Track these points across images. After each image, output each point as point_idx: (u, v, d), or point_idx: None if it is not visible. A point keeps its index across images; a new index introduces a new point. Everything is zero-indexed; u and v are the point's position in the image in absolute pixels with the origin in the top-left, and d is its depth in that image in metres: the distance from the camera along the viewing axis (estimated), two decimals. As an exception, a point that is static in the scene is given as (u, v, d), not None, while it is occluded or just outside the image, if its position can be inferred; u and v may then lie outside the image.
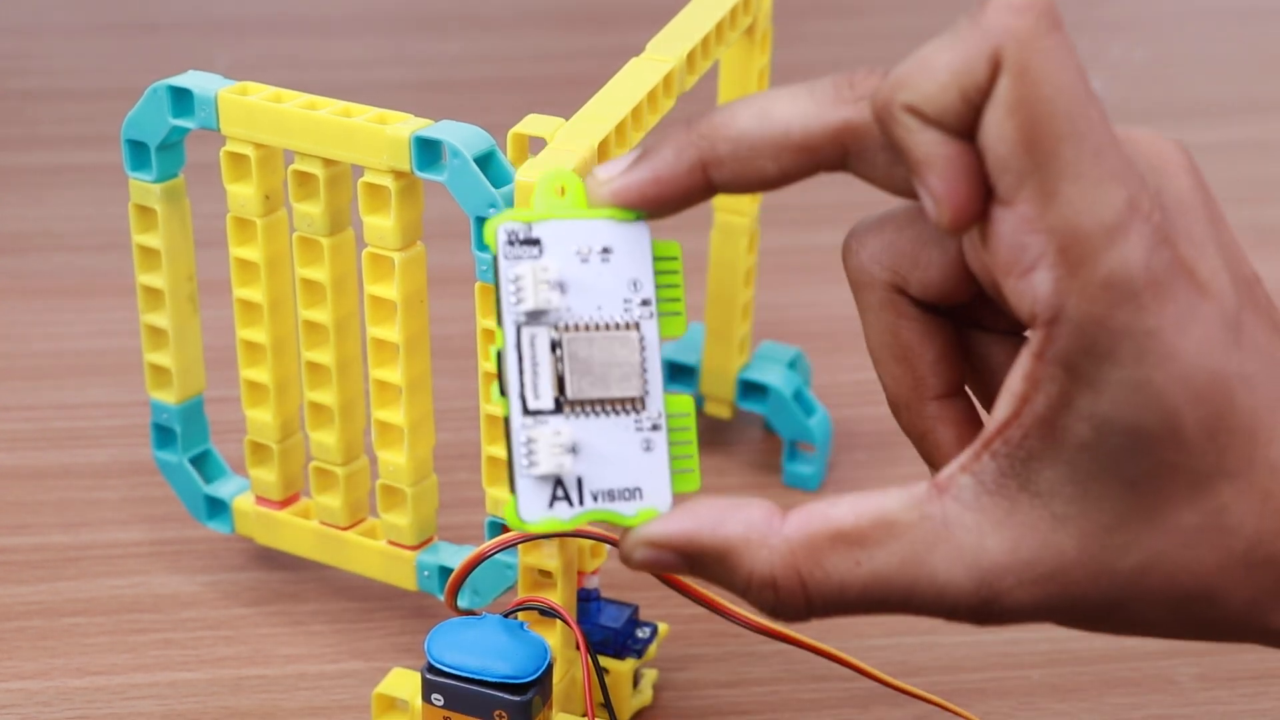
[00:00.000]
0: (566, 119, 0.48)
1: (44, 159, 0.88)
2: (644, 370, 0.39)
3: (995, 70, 0.34)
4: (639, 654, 0.54)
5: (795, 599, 0.37)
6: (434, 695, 0.48)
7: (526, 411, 0.38)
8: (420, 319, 0.52)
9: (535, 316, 0.38)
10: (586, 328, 0.39)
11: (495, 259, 0.38)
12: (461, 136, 0.48)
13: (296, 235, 0.52)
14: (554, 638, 0.51)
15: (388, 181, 0.49)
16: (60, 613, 0.58)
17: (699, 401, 0.67)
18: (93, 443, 0.67)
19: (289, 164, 0.51)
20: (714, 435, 0.68)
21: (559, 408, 0.38)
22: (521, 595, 0.51)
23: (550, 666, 0.48)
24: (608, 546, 0.51)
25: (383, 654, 0.57)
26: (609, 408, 0.39)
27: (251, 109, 0.51)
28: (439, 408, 0.55)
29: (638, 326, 0.39)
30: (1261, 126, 0.95)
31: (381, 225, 0.50)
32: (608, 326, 0.39)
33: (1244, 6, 1.11)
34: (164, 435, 0.58)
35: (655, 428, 0.39)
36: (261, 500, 0.57)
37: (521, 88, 0.97)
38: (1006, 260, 0.35)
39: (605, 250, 0.39)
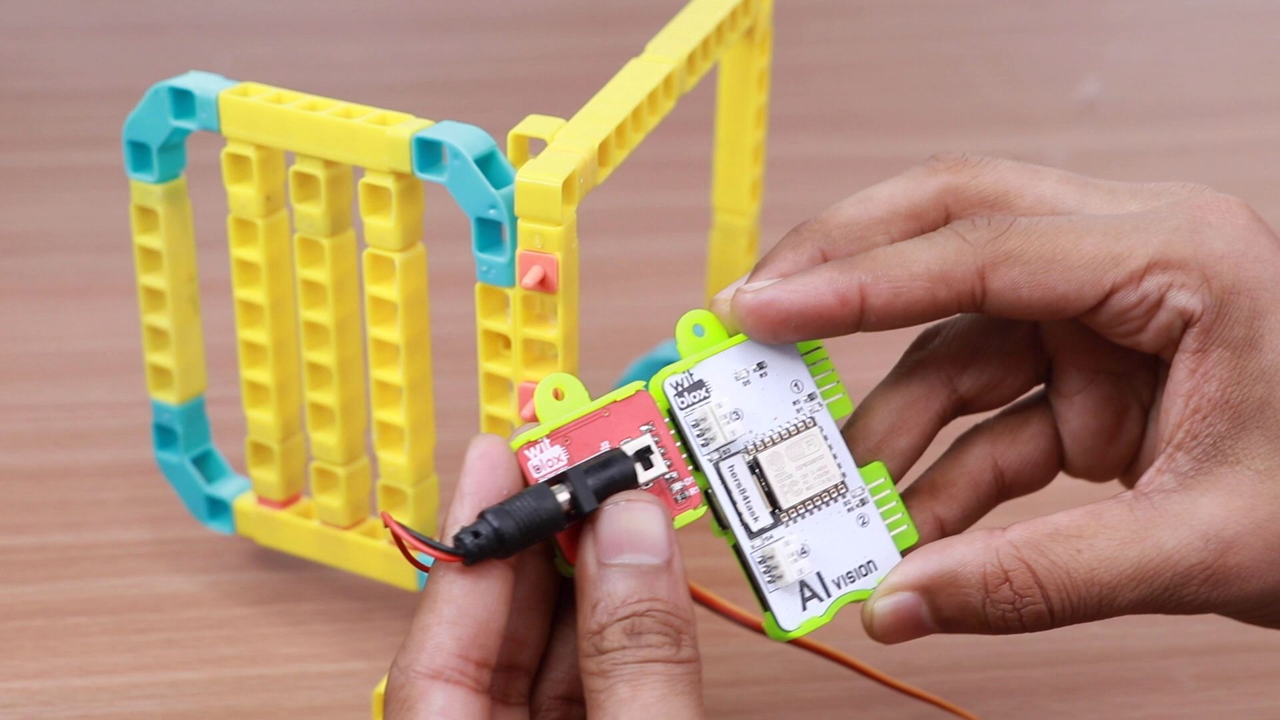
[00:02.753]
0: (566, 120, 0.49)
1: (45, 160, 0.88)
2: (834, 457, 0.42)
3: (983, 282, 0.40)
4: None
5: (1030, 591, 0.40)
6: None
7: (752, 535, 0.41)
8: (421, 319, 0.52)
9: (725, 449, 0.41)
10: (773, 441, 0.42)
11: (670, 411, 0.41)
12: (462, 137, 0.48)
13: (297, 236, 0.52)
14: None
15: (388, 182, 0.49)
16: (62, 612, 0.59)
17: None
18: (94, 443, 0.67)
19: (290, 165, 0.51)
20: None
21: (777, 520, 0.41)
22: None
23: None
24: None
25: (383, 653, 0.57)
26: (819, 502, 0.42)
27: (253, 110, 0.51)
28: (439, 408, 0.55)
29: (814, 421, 0.42)
30: (1260, 127, 0.95)
31: (382, 226, 0.50)
32: (789, 433, 0.42)
33: (1244, 6, 1.11)
34: (165, 436, 0.58)
35: (863, 502, 0.42)
36: (263, 500, 0.57)
37: (521, 88, 0.97)
38: (1137, 314, 0.40)
39: (759, 366, 0.42)
